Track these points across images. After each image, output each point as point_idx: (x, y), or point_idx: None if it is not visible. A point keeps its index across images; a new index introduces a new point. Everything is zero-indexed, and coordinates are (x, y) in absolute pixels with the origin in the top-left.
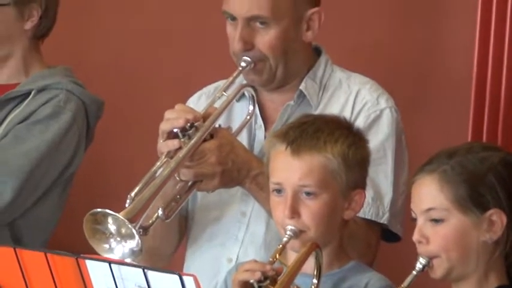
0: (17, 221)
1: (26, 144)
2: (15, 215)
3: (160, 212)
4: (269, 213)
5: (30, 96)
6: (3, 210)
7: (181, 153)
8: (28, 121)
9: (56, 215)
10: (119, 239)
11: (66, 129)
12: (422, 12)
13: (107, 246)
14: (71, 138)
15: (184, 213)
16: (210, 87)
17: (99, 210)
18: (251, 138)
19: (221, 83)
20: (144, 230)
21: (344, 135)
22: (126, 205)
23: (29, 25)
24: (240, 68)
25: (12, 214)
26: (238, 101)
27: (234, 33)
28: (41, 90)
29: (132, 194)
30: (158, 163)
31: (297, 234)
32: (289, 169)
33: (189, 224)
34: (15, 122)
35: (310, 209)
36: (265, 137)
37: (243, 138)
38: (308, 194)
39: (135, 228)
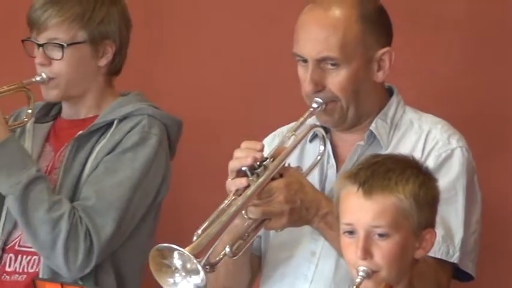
0: (117, 250)
1: (119, 175)
2: (117, 245)
3: (227, 249)
4: (338, 251)
5: (114, 126)
6: (106, 243)
7: (248, 191)
8: (116, 151)
9: (151, 240)
10: (184, 274)
11: (155, 153)
12: (498, 48)
13: (171, 280)
14: (159, 161)
15: (258, 252)
16: (284, 128)
17: (165, 245)
18: (323, 177)
19: (294, 124)
20: (211, 267)
21: (414, 174)
22: (193, 241)
23: (103, 62)
24: (311, 109)
25: (114, 245)
26: (311, 141)
27: (305, 75)
28: (123, 119)
29: (199, 230)
30: (226, 201)
31: (370, 274)
32: (361, 210)
33: (262, 263)
34: (104, 154)
35: (382, 250)
36: (336, 177)
37: (314, 177)
38: (381, 235)
39: (200, 264)
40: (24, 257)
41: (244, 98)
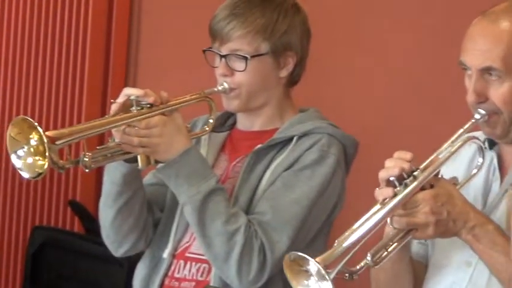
0: None
1: (296, 192)
2: None
3: (368, 258)
4: (487, 264)
5: (293, 142)
6: (280, 259)
7: (392, 202)
8: (294, 167)
9: None
10: (316, 279)
11: (332, 173)
12: None
13: (306, 282)
14: (336, 181)
15: (423, 260)
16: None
17: (298, 254)
18: (487, 190)
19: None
20: (350, 275)
21: None
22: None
23: (284, 73)
24: (473, 120)
25: None
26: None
27: (469, 84)
28: (302, 136)
29: (341, 238)
30: (371, 211)
31: None
32: None
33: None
34: (281, 169)
35: None
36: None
37: (478, 189)
38: None
39: (328, 275)
40: (194, 264)
41: (416, 107)
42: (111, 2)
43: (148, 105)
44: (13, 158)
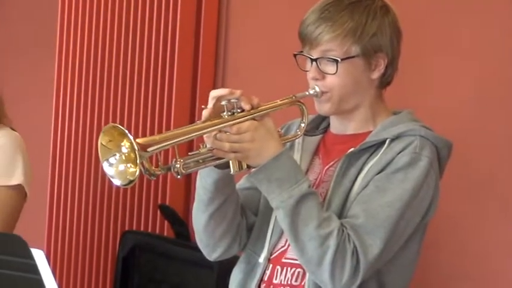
0: (381, 269)
1: (389, 195)
2: (381, 264)
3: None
4: None
5: (386, 145)
6: (373, 262)
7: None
8: (387, 171)
9: (415, 260)
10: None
11: (425, 175)
12: None
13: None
14: (429, 184)
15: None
16: None
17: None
18: None
19: None
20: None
21: None
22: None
23: (375, 74)
24: None
25: (379, 264)
26: None
27: None
28: (395, 139)
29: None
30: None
31: None
32: None
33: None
34: (374, 172)
35: None
36: None
37: None
38: None
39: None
40: (289, 269)
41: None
42: (199, 5)
43: (239, 111)
44: (105, 166)
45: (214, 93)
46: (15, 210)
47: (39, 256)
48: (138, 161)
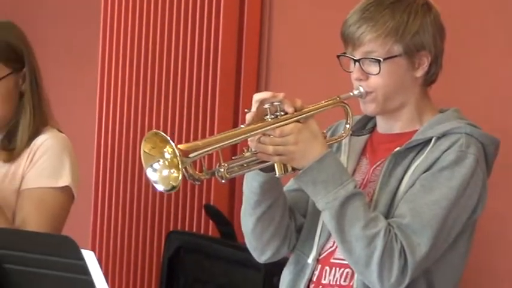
0: (430, 268)
1: (435, 193)
2: (429, 263)
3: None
4: None
5: (431, 144)
6: (421, 262)
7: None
8: (433, 169)
9: (464, 259)
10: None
11: (471, 173)
12: None
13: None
14: (476, 182)
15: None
16: None
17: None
18: None
19: None
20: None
21: None
22: None
23: (419, 73)
24: None
25: (428, 263)
26: None
27: None
28: (441, 137)
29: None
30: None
31: None
32: None
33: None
34: (420, 171)
35: None
36: None
37: None
38: None
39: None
40: (338, 269)
41: None
42: (242, 7)
43: (282, 113)
44: (148, 172)
45: (257, 97)
46: (62, 211)
47: (90, 257)
48: (180, 167)
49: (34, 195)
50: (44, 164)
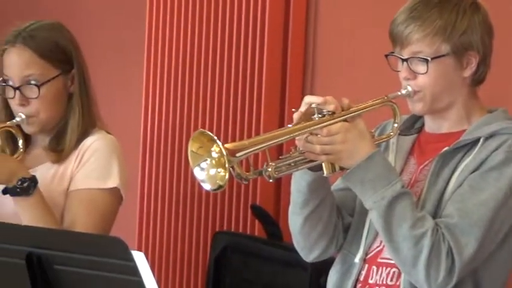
0: (477, 268)
1: (483, 194)
2: (476, 264)
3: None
4: None
5: (479, 144)
6: (468, 262)
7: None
8: (481, 169)
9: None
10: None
11: None
12: None
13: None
14: None
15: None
16: None
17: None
18: None
19: None
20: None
21: None
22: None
23: (467, 72)
24: None
25: (474, 263)
26: None
27: None
28: (489, 137)
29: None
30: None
31: None
32: None
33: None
34: (468, 171)
35: None
36: None
37: None
38: None
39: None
40: (384, 268)
41: None
42: (287, 8)
43: (330, 113)
44: (196, 171)
45: (308, 99)
46: (110, 213)
47: (139, 258)
48: (226, 166)
49: (83, 196)
50: (93, 165)
